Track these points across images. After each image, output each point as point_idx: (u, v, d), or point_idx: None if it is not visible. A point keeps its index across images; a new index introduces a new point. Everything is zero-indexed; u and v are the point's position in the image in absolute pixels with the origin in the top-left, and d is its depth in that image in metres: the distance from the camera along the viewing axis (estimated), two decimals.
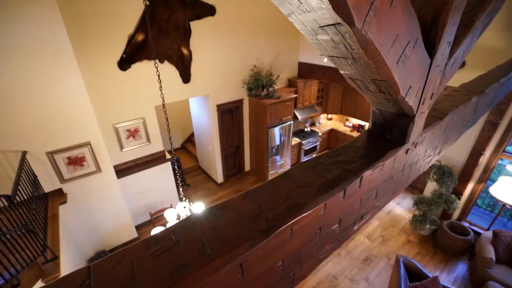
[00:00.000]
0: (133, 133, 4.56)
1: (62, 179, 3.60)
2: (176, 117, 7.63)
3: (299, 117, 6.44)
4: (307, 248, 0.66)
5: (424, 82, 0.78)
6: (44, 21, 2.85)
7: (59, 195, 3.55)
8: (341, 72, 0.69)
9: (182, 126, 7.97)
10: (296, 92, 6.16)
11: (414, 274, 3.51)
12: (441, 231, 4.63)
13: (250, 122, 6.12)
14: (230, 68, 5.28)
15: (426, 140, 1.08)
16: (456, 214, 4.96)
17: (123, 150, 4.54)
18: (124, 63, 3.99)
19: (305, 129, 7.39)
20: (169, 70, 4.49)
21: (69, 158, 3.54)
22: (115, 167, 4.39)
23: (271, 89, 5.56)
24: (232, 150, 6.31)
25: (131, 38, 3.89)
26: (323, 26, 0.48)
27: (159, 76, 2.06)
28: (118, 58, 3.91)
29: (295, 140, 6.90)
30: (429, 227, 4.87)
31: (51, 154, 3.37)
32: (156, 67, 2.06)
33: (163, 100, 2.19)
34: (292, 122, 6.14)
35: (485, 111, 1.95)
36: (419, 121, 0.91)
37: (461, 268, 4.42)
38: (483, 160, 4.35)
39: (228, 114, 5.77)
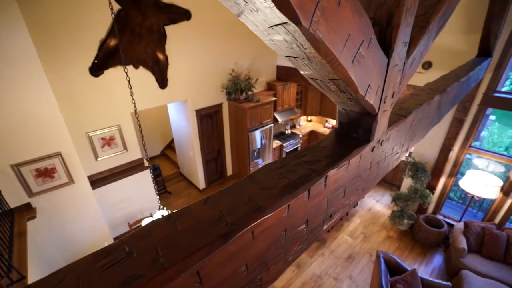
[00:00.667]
0: (108, 141, 4.39)
1: (30, 193, 3.37)
2: (155, 123, 7.45)
3: (279, 119, 6.50)
4: (273, 250, 0.65)
5: (383, 81, 0.81)
6: (3, 26, 2.69)
7: (27, 210, 3.33)
8: (302, 72, 0.70)
9: (162, 132, 7.79)
10: (275, 95, 6.21)
11: (394, 269, 3.61)
12: (418, 225, 4.82)
13: (230, 126, 6.10)
14: (208, 73, 5.24)
15: (392, 137, 1.12)
16: (431, 208, 5.18)
17: (98, 159, 4.35)
18: (96, 69, 3.84)
19: (286, 132, 7.46)
20: (144, 76, 4.38)
21: (37, 170, 3.34)
22: (90, 177, 4.20)
23: (250, 92, 5.58)
24: (213, 155, 6.24)
25: (103, 43, 3.76)
26: (273, 26, 0.48)
27: (129, 81, 1.99)
28: (89, 64, 3.76)
29: (276, 143, 6.94)
30: (407, 222, 5.05)
31: (16, 167, 3.15)
32: (126, 72, 2.00)
33: (135, 106, 2.12)
34: (272, 125, 6.19)
35: (449, 108, 2.06)
36: (383, 119, 0.94)
37: (437, 260, 4.62)
38: (452, 155, 4.59)
39: (208, 118, 5.71)
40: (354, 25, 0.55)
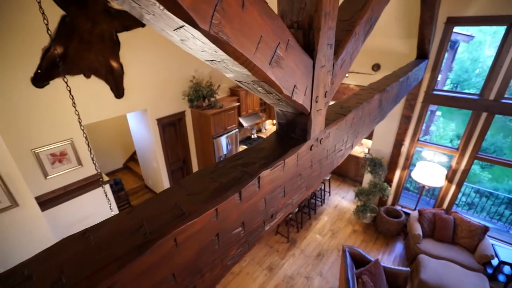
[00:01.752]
0: (59, 157, 4.05)
1: None
2: (115, 135, 7.05)
3: (245, 124, 6.54)
4: (206, 257, 0.63)
5: (311, 81, 0.84)
6: None
7: None
8: (227, 75, 0.70)
9: (123, 144, 7.38)
10: (238, 101, 6.24)
11: (360, 261, 3.78)
12: (380, 217, 5.12)
13: (195, 134, 5.98)
14: (167, 80, 5.11)
15: (332, 135, 1.17)
16: (390, 200, 5.54)
17: (48, 177, 3.98)
18: (40, 80, 3.54)
19: (252, 136, 7.52)
20: (98, 85, 4.14)
21: None
22: (39, 197, 3.83)
23: (212, 99, 5.54)
24: (179, 164, 6.06)
25: (46, 51, 3.48)
26: (175, 29, 0.47)
27: (70, 91, 1.86)
28: (32, 74, 3.46)
29: (242, 148, 6.95)
30: (370, 215, 5.33)
31: None
32: (66, 82, 1.86)
33: (79, 118, 1.98)
34: (237, 130, 6.19)
35: (392, 106, 2.23)
36: (318, 118, 0.98)
37: (398, 248, 4.93)
38: (404, 149, 4.97)
39: (171, 127, 5.55)
40: (265, 27, 0.57)
